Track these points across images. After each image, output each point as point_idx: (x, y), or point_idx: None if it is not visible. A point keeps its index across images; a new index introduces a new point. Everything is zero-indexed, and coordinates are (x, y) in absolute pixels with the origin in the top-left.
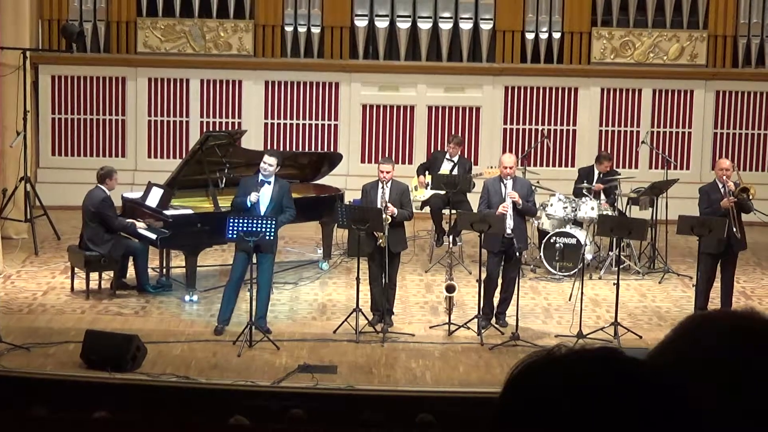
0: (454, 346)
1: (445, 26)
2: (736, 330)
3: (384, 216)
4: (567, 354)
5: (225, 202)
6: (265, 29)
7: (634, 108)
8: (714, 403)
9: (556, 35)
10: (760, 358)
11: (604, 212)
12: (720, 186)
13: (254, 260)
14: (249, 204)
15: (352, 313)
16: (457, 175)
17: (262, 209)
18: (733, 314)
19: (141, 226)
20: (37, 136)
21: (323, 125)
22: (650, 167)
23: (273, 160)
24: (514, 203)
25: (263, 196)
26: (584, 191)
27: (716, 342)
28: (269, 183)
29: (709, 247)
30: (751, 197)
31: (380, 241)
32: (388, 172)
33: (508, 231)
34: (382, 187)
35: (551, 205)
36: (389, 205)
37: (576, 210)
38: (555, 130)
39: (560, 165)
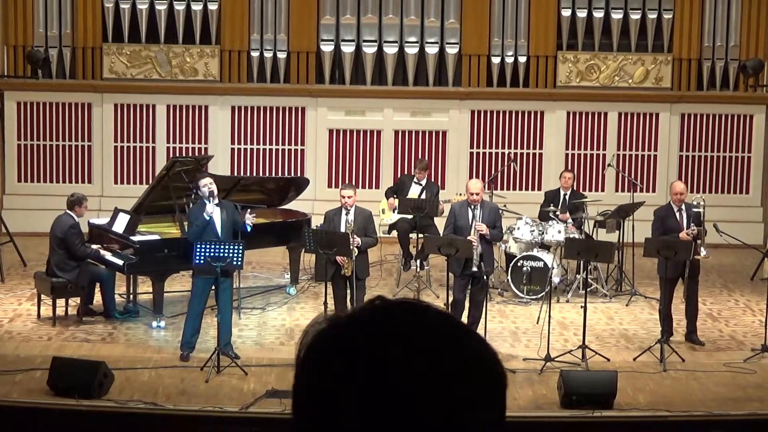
0: None
1: (411, 51)
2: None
3: (351, 247)
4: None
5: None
6: (231, 54)
7: (599, 131)
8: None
9: (522, 59)
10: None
11: (571, 235)
12: (675, 209)
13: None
14: (208, 218)
15: None
16: (425, 199)
17: (219, 233)
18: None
19: (106, 253)
20: (2, 162)
21: (290, 150)
22: (616, 190)
23: (208, 179)
24: (482, 235)
25: (215, 220)
26: (551, 214)
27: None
28: (217, 206)
29: (668, 271)
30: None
31: (344, 270)
32: (350, 197)
33: (475, 256)
34: (346, 213)
35: (518, 228)
36: (353, 237)
37: (543, 233)
38: (521, 154)
39: (527, 188)
